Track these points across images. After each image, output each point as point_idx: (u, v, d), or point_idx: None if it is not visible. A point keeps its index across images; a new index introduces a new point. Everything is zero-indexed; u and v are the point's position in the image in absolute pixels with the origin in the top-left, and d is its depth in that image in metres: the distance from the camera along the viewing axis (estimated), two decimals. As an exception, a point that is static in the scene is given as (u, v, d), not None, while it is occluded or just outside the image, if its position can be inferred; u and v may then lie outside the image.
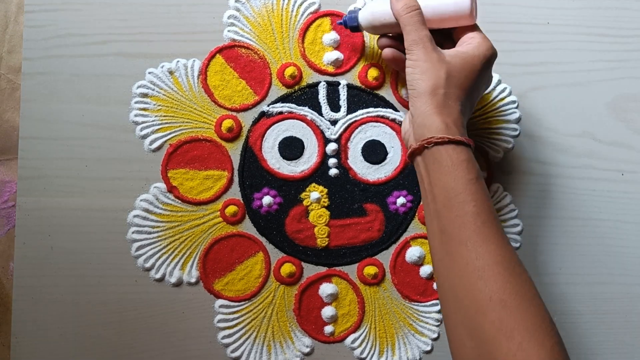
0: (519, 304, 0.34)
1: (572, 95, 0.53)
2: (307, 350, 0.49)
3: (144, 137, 0.49)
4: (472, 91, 0.42)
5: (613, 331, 0.52)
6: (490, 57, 0.43)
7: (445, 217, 0.38)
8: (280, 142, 0.50)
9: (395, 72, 0.52)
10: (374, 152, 0.51)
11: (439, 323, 0.50)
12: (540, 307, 0.35)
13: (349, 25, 0.48)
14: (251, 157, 0.50)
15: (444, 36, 0.46)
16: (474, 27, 0.45)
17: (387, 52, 0.46)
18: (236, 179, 0.50)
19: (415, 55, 0.42)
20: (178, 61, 0.50)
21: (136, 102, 0.49)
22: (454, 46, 0.45)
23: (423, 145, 0.40)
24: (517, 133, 0.52)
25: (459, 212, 0.38)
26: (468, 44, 0.43)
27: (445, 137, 0.39)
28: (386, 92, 0.52)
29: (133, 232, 0.48)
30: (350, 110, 0.51)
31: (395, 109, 0.51)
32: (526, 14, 0.54)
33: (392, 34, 0.47)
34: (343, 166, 0.50)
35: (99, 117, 0.49)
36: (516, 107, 0.53)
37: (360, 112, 0.51)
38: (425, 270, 0.50)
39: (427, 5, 0.44)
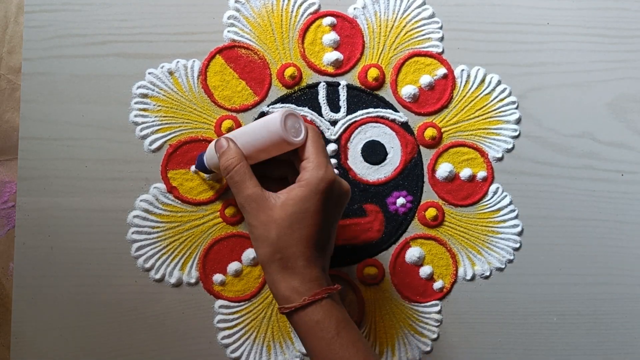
0: None
1: (572, 95, 0.53)
2: (306, 350, 0.49)
3: (144, 137, 0.49)
4: (318, 231, 0.39)
5: (613, 332, 0.52)
6: (323, 191, 0.39)
7: None
8: (280, 143, 0.50)
9: (395, 72, 0.52)
10: (374, 152, 0.51)
11: (438, 324, 0.50)
12: None
13: (200, 169, 0.46)
14: (251, 158, 0.50)
15: (290, 165, 0.43)
16: (306, 151, 0.40)
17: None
18: (236, 179, 0.50)
19: (246, 220, 0.40)
20: (178, 62, 0.50)
21: (136, 103, 0.49)
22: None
23: (282, 313, 0.39)
24: (516, 133, 0.52)
25: None
26: (300, 181, 0.39)
27: (291, 306, 0.38)
28: (386, 93, 0.52)
29: (133, 233, 0.48)
30: (350, 111, 0.51)
31: (395, 110, 0.51)
32: (526, 15, 0.54)
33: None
34: (343, 166, 0.50)
35: (98, 118, 0.49)
36: (516, 108, 0.53)
37: (360, 112, 0.51)
38: (425, 270, 0.50)
39: (245, 140, 0.41)
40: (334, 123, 0.51)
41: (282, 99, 0.51)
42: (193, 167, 0.49)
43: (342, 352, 0.37)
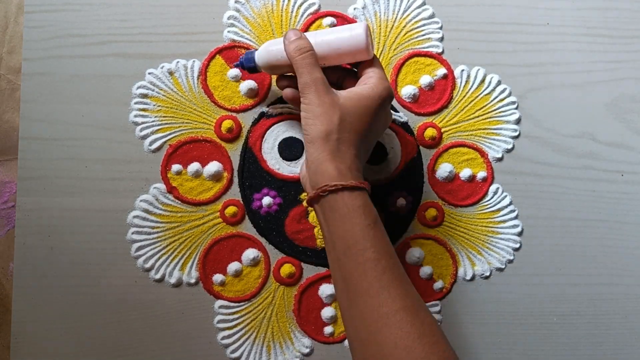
0: (424, 349, 0.35)
1: (571, 96, 0.53)
2: (306, 350, 0.49)
3: (144, 137, 0.49)
4: (367, 134, 0.41)
5: (613, 332, 0.52)
6: (385, 98, 0.41)
7: (346, 266, 0.38)
8: (280, 143, 0.50)
9: (395, 72, 0.52)
10: (374, 152, 0.50)
11: (438, 324, 0.50)
12: (446, 350, 0.36)
13: (246, 67, 0.46)
14: (251, 158, 0.50)
15: (348, 72, 0.45)
16: (374, 64, 0.43)
17: (287, 92, 0.45)
18: (236, 179, 0.50)
19: (307, 99, 0.41)
20: (178, 62, 0.50)
21: (136, 103, 0.49)
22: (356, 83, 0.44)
23: (318, 194, 0.39)
24: (516, 134, 0.52)
25: (359, 259, 0.37)
26: (364, 84, 0.42)
27: (338, 184, 0.38)
28: (386, 93, 0.52)
29: (133, 233, 0.48)
30: (350, 111, 0.51)
31: (395, 110, 0.51)
32: (526, 15, 0.54)
33: (292, 73, 0.44)
34: (343, 167, 0.50)
35: (98, 118, 0.49)
36: (516, 108, 0.53)
37: (360, 112, 0.51)
38: (425, 271, 0.50)
39: (323, 41, 0.42)
40: (334, 123, 0.51)
41: (282, 99, 0.50)
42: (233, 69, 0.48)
43: (375, 240, 0.38)
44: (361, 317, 0.37)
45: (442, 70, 0.52)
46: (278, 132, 0.50)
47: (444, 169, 0.51)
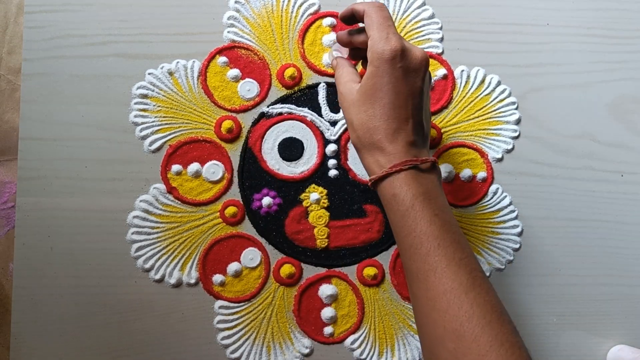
0: (473, 331, 0.33)
1: (571, 96, 0.53)
2: (306, 351, 0.49)
3: (144, 138, 0.49)
4: (394, 106, 0.38)
5: (613, 332, 0.52)
6: (389, 58, 0.37)
7: (400, 239, 0.38)
8: (279, 143, 0.50)
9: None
10: (374, 153, 0.51)
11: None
12: (501, 328, 0.34)
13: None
14: (251, 158, 0.50)
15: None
16: (367, 27, 0.40)
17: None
18: (236, 179, 0.50)
19: (342, 111, 0.41)
20: (178, 62, 0.50)
21: (136, 103, 0.49)
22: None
23: (370, 188, 0.39)
24: (516, 134, 0.52)
25: (412, 227, 0.37)
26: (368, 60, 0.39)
27: (371, 178, 0.39)
28: (386, 93, 0.52)
29: (133, 233, 0.48)
30: (349, 111, 0.51)
31: (395, 110, 0.51)
32: (526, 15, 0.54)
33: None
34: (343, 167, 0.50)
35: (98, 118, 0.49)
36: (516, 108, 0.53)
37: (360, 113, 0.51)
38: (425, 271, 0.50)
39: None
40: (334, 123, 0.51)
41: (282, 100, 0.51)
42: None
43: (413, 224, 0.36)
44: (415, 300, 0.37)
45: (442, 71, 0.52)
46: (278, 133, 0.50)
47: (443, 170, 0.51)
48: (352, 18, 0.43)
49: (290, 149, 0.50)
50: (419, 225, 0.36)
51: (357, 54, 0.44)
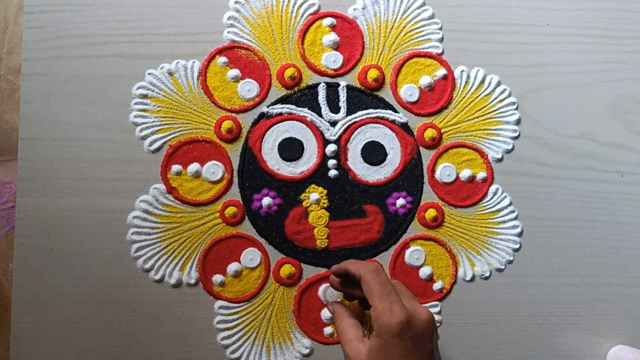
0: None
1: (571, 96, 0.53)
2: (306, 351, 0.49)
3: (144, 138, 0.49)
4: None
5: (613, 332, 0.52)
6: (397, 332, 0.37)
7: None
8: (279, 143, 0.50)
9: (395, 73, 0.52)
10: (374, 153, 0.51)
11: (438, 324, 0.50)
12: None
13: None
14: (251, 158, 0.50)
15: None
16: (368, 296, 0.39)
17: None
18: (236, 180, 0.50)
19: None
20: (178, 62, 0.50)
21: (136, 103, 0.49)
22: None
23: None
24: (516, 134, 0.53)
25: None
26: (375, 329, 0.38)
27: None
28: (386, 94, 0.52)
29: (132, 233, 0.48)
30: (349, 112, 0.51)
31: (395, 110, 0.51)
32: (526, 16, 0.54)
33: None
34: (343, 167, 0.50)
35: (98, 118, 0.49)
36: (516, 109, 0.53)
37: (359, 113, 0.51)
38: (425, 271, 0.50)
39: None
40: (333, 124, 0.51)
41: (282, 100, 0.51)
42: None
43: None
44: None
45: (442, 71, 0.52)
46: (278, 133, 0.50)
47: (444, 170, 0.51)
48: (345, 275, 0.42)
49: (290, 149, 0.50)
50: None
51: (351, 296, 0.45)
